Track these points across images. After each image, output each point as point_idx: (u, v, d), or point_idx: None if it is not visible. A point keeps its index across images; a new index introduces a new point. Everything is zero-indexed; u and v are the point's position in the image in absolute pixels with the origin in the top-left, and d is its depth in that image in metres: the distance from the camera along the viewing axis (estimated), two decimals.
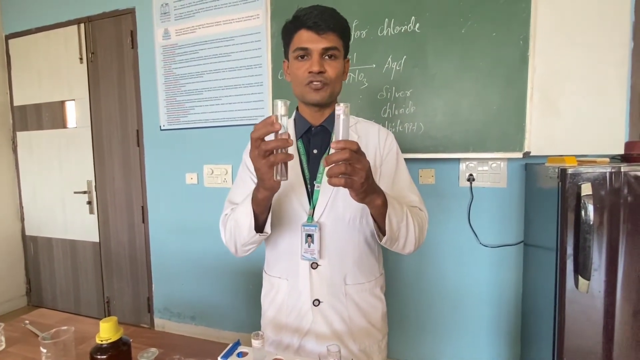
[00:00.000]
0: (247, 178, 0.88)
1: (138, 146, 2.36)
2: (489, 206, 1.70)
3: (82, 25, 2.41)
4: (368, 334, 0.89)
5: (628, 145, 1.34)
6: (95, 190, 2.52)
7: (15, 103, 2.72)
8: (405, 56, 1.65)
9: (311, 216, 0.84)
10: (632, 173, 1.08)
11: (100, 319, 0.69)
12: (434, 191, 1.76)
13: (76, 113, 2.51)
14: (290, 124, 0.91)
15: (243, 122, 2.05)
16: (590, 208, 1.08)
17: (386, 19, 1.66)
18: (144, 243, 2.41)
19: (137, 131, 2.34)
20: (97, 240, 2.56)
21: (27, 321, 1.02)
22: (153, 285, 2.42)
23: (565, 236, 1.15)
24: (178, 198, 2.28)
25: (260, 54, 1.97)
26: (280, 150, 0.62)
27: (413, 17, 1.62)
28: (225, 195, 0.92)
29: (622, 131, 1.45)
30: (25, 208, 2.79)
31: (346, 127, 0.61)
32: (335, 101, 0.89)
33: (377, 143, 0.90)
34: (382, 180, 0.87)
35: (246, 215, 0.75)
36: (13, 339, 0.92)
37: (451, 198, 1.75)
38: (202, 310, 2.30)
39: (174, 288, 2.36)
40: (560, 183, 1.16)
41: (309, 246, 0.83)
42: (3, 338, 0.89)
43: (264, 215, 0.77)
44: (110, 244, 2.53)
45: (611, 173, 1.09)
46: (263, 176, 0.66)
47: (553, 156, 1.39)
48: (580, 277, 1.12)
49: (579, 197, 1.10)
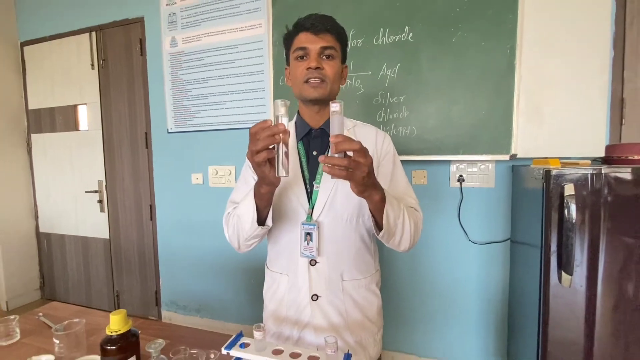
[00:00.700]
0: (250, 178, 0.88)
1: (146, 148, 2.35)
2: (478, 205, 1.71)
3: (94, 33, 2.40)
4: (364, 327, 0.89)
5: (608, 148, 1.34)
6: (105, 189, 2.52)
7: (30, 107, 2.71)
8: (399, 64, 1.65)
9: (310, 215, 0.84)
10: (612, 174, 1.09)
11: (110, 312, 0.69)
12: (426, 191, 1.76)
13: (88, 116, 2.51)
14: (291, 127, 0.91)
15: (246, 126, 2.05)
16: (572, 207, 1.08)
17: (381, 29, 1.66)
18: (152, 240, 2.41)
19: (146, 134, 2.34)
20: (108, 237, 2.55)
21: (41, 314, 1.02)
22: (160, 279, 2.42)
23: (549, 234, 1.16)
24: (184, 197, 2.28)
25: (262, 61, 1.97)
26: (276, 148, 0.61)
27: (407, 27, 1.62)
28: (229, 194, 0.92)
29: (603, 135, 1.45)
30: (39, 206, 2.78)
31: (341, 123, 0.61)
32: None
33: (375, 145, 0.89)
34: (380, 181, 0.87)
35: (249, 209, 0.75)
36: (27, 331, 0.92)
37: (442, 198, 1.75)
38: (207, 303, 2.30)
39: (180, 282, 2.36)
40: (544, 184, 1.16)
41: (308, 244, 0.83)
42: (18, 330, 0.89)
43: (267, 209, 0.76)
44: (119, 241, 2.52)
45: (592, 174, 1.10)
46: (261, 174, 0.66)
47: (538, 158, 1.39)
48: (563, 273, 1.12)
49: (562, 197, 1.11)
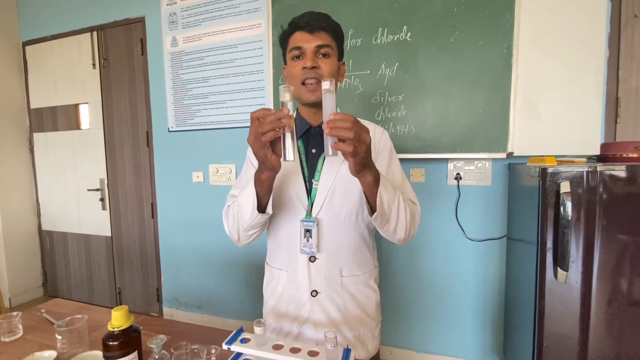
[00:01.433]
0: (250, 173, 0.88)
1: (148, 147, 2.35)
2: (475, 203, 1.71)
3: (95, 33, 2.39)
4: (362, 323, 0.89)
5: (603, 146, 1.34)
6: (107, 187, 2.51)
7: (32, 106, 2.70)
8: (397, 63, 1.65)
9: (309, 212, 0.83)
10: (607, 172, 1.09)
11: (112, 308, 0.69)
12: (424, 189, 1.76)
13: (89, 115, 2.50)
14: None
15: (246, 125, 2.05)
16: (568, 204, 1.09)
17: (380, 28, 1.66)
18: (153, 237, 2.41)
19: (147, 132, 2.33)
20: (110, 234, 2.55)
21: (43, 310, 1.01)
22: (162, 276, 2.42)
23: (545, 230, 1.16)
24: (185, 195, 2.28)
25: (262, 61, 1.96)
26: (283, 132, 0.61)
27: (405, 27, 1.62)
28: (229, 192, 0.91)
29: (598, 133, 1.45)
30: (41, 204, 2.77)
31: (333, 102, 0.60)
32: None
33: (373, 141, 0.88)
34: None
35: (249, 197, 0.75)
36: (30, 327, 0.92)
37: (440, 195, 1.75)
38: (208, 300, 2.30)
39: (182, 279, 2.36)
40: (540, 181, 1.16)
41: (308, 240, 0.82)
42: (20, 326, 0.89)
43: (267, 196, 0.76)
44: (121, 238, 2.52)
45: (588, 172, 1.10)
46: (262, 158, 0.65)
47: (534, 156, 1.39)
48: (559, 269, 1.13)
49: (558, 195, 1.11)
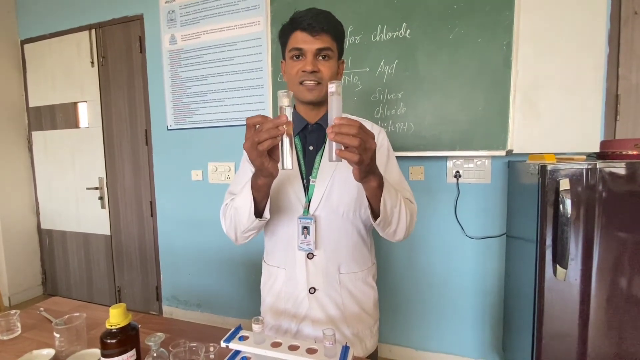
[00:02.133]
0: (248, 170, 0.87)
1: (146, 145, 2.34)
2: (474, 201, 1.71)
3: (94, 31, 2.38)
4: (361, 320, 0.89)
5: (603, 144, 1.34)
6: (106, 186, 2.51)
7: (30, 104, 2.69)
8: (396, 60, 1.64)
9: (307, 209, 0.83)
10: (607, 169, 1.08)
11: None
12: (423, 187, 1.76)
13: (88, 114, 2.49)
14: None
15: (245, 123, 2.04)
16: (567, 202, 1.08)
17: (379, 25, 1.65)
18: (153, 236, 2.40)
19: (146, 131, 2.33)
20: (109, 233, 2.55)
21: (42, 308, 1.01)
22: (161, 275, 2.41)
23: (544, 228, 1.16)
24: (184, 194, 2.27)
25: (261, 58, 1.96)
26: (281, 139, 0.60)
27: (404, 24, 1.61)
28: None
29: (598, 131, 1.45)
30: (40, 203, 2.77)
31: (340, 105, 0.59)
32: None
33: None
34: None
35: (246, 201, 0.74)
36: (28, 325, 0.91)
37: (439, 193, 1.75)
38: (207, 298, 2.30)
39: (181, 278, 2.35)
40: (540, 179, 1.16)
41: (305, 237, 0.82)
42: (19, 324, 0.88)
43: (264, 201, 0.75)
44: (120, 237, 2.52)
45: (587, 169, 1.10)
46: (259, 166, 0.65)
47: (534, 154, 1.39)
48: (558, 266, 1.12)
49: (558, 192, 1.11)
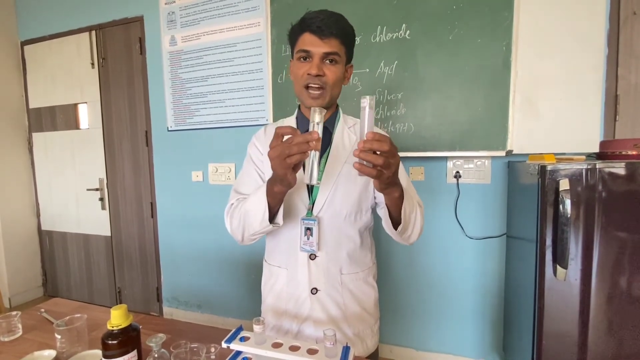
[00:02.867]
0: (252, 170, 0.88)
1: (147, 146, 2.34)
2: (474, 201, 1.71)
3: (94, 32, 2.38)
4: (362, 319, 0.89)
5: (603, 144, 1.34)
6: (106, 187, 2.51)
7: (30, 105, 2.69)
8: (396, 61, 1.64)
9: (310, 211, 0.83)
10: (607, 170, 1.09)
11: (111, 308, 0.69)
12: (424, 187, 1.76)
13: (88, 115, 2.49)
14: (292, 122, 0.90)
15: (245, 124, 2.05)
16: (567, 202, 1.08)
17: (379, 26, 1.65)
18: (153, 236, 2.40)
19: (146, 132, 2.33)
20: (109, 234, 2.55)
21: (43, 309, 1.01)
22: (161, 275, 2.41)
23: (544, 228, 1.16)
24: (185, 194, 2.27)
25: (261, 59, 1.96)
26: (310, 155, 0.62)
27: (404, 25, 1.62)
28: (229, 191, 0.91)
29: (597, 131, 1.45)
30: (41, 204, 2.77)
31: (372, 119, 0.60)
32: (334, 104, 0.88)
33: None
34: None
35: (259, 206, 0.74)
36: (29, 326, 0.91)
37: (439, 194, 1.75)
38: (208, 299, 2.30)
39: (181, 278, 2.35)
40: (540, 179, 1.16)
41: (308, 239, 0.82)
42: (20, 325, 0.88)
43: (277, 207, 0.75)
44: (121, 238, 2.52)
45: (587, 170, 1.10)
46: (282, 176, 0.64)
47: (533, 154, 1.39)
48: (558, 266, 1.13)
49: (557, 192, 1.11)
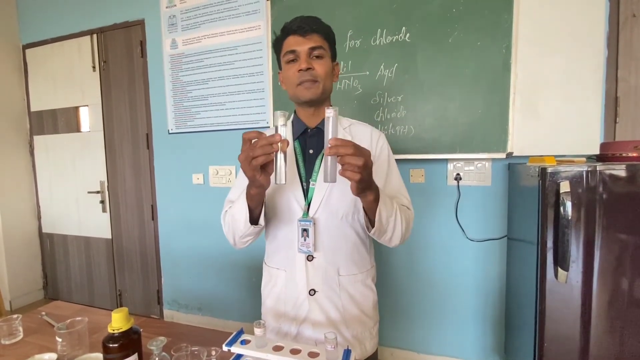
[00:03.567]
0: (243, 177, 0.89)
1: (148, 149, 2.35)
2: (475, 203, 1.71)
3: (95, 35, 2.40)
4: (360, 322, 0.89)
5: (603, 146, 1.34)
6: (107, 190, 2.51)
7: (32, 109, 2.70)
8: (396, 64, 1.65)
9: (306, 212, 0.84)
10: (607, 172, 1.09)
11: (112, 311, 0.69)
12: (424, 190, 1.76)
13: (89, 118, 2.50)
14: (288, 126, 0.91)
15: (246, 126, 2.05)
16: (568, 204, 1.08)
17: (379, 30, 1.66)
18: (154, 239, 2.41)
19: (147, 134, 2.34)
20: (110, 237, 2.55)
21: (44, 312, 1.02)
22: (162, 278, 2.42)
23: (545, 230, 1.16)
24: (185, 197, 2.28)
25: (261, 62, 1.97)
26: (275, 156, 0.64)
27: (404, 28, 1.62)
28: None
29: (598, 133, 1.45)
30: (41, 207, 2.78)
31: (335, 127, 0.64)
32: (328, 100, 0.91)
33: (370, 144, 0.90)
34: (375, 180, 0.86)
35: (241, 209, 0.78)
36: (30, 329, 0.92)
37: (440, 196, 1.75)
38: (208, 301, 2.29)
39: (182, 281, 2.36)
40: (540, 181, 1.16)
41: (305, 240, 0.83)
42: (21, 328, 0.89)
43: (258, 209, 0.79)
44: (121, 240, 2.52)
45: (588, 172, 1.10)
46: (251, 178, 0.68)
47: (534, 156, 1.39)
48: (559, 269, 1.13)
49: (558, 194, 1.11)
